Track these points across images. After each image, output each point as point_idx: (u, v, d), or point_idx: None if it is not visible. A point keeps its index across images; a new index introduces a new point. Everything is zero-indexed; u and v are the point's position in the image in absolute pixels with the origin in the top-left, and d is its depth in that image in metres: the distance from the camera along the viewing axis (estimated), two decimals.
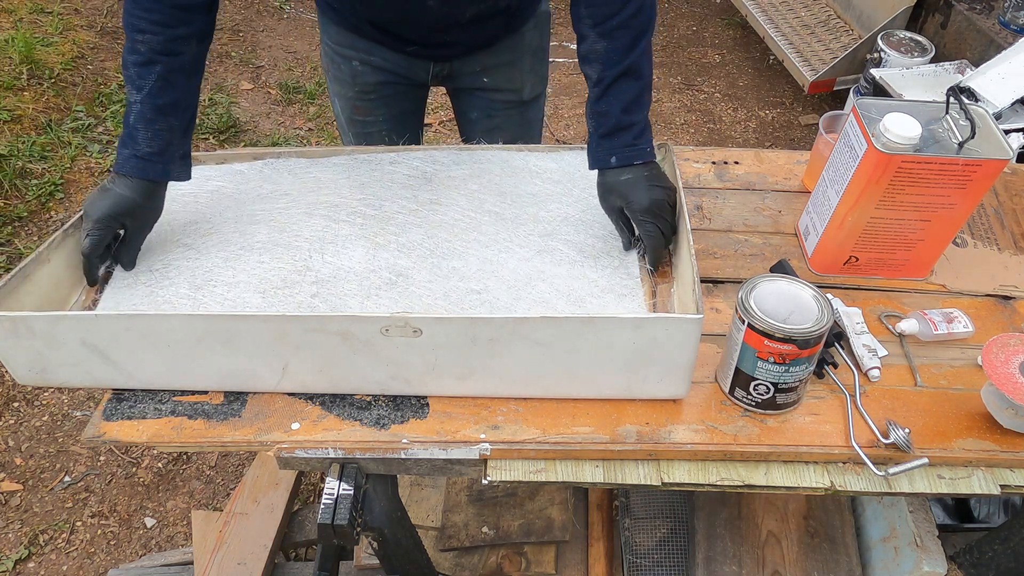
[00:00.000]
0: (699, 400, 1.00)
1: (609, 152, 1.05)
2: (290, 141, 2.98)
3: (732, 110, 3.28)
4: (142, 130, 1.02)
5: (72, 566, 1.80)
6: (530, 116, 1.51)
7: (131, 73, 1.03)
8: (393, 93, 1.42)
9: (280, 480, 1.69)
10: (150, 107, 1.02)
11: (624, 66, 1.03)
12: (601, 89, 1.04)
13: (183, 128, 1.06)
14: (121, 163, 1.03)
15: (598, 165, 1.07)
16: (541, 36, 1.42)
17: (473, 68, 1.38)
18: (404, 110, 1.47)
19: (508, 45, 1.37)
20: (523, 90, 1.44)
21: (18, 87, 2.90)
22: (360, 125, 1.47)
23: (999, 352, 0.93)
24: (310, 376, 0.97)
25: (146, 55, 1.02)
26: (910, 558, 1.30)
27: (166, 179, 1.06)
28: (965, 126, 1.02)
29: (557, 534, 1.52)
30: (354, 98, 1.42)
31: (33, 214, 2.55)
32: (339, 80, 1.41)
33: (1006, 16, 2.55)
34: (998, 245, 1.25)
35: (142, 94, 1.02)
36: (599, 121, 1.06)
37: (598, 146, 1.06)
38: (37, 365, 0.96)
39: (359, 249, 1.08)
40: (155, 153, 1.03)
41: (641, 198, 1.03)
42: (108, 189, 1.02)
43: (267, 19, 3.69)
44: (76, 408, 2.10)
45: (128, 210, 1.02)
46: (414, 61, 1.35)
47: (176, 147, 1.06)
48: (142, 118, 1.02)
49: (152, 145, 1.03)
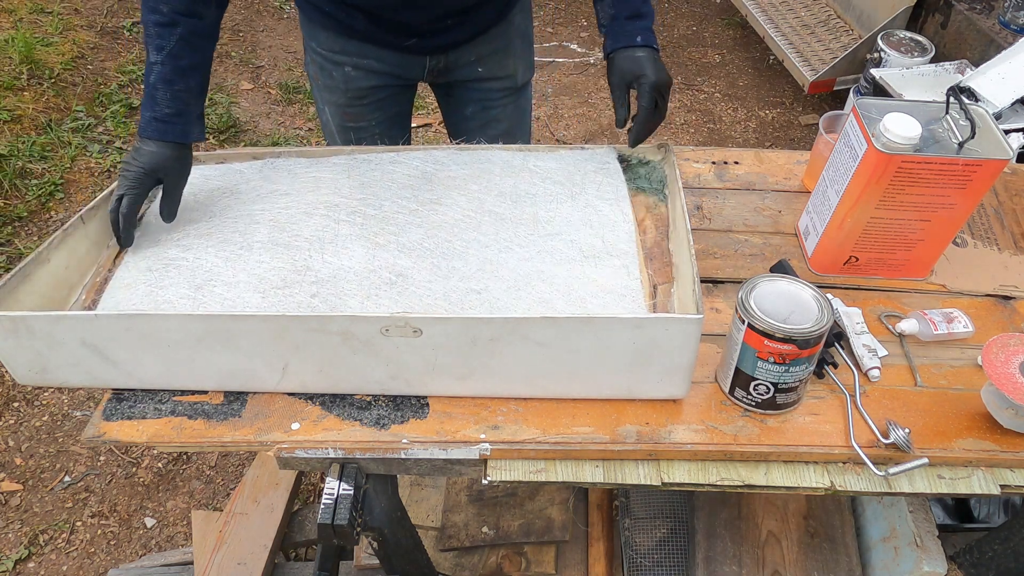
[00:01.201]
0: (699, 400, 1.00)
1: (634, 33, 1.17)
2: (290, 141, 2.98)
3: (732, 110, 3.28)
4: (162, 90, 1.06)
5: (72, 566, 1.80)
6: (522, 104, 1.53)
7: (152, 33, 1.06)
8: (385, 96, 1.42)
9: (280, 480, 1.69)
10: (171, 68, 1.06)
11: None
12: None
13: (200, 89, 1.11)
14: (143, 126, 1.07)
15: (624, 43, 1.17)
16: (526, 20, 1.45)
17: (468, 58, 1.39)
18: (396, 112, 1.47)
19: (499, 31, 1.39)
20: (516, 75, 1.46)
21: (18, 87, 2.90)
22: (351, 132, 1.47)
23: (999, 352, 0.93)
24: (310, 376, 0.97)
25: (168, 16, 1.05)
26: (910, 558, 1.30)
27: (186, 140, 1.10)
28: (965, 126, 1.02)
29: (557, 534, 1.52)
30: (345, 104, 1.42)
31: (33, 214, 2.55)
32: (329, 88, 1.40)
33: (1006, 16, 2.55)
34: (998, 245, 1.25)
35: (162, 55, 1.05)
36: (621, 7, 1.18)
37: (622, 27, 1.17)
38: (37, 365, 0.96)
39: (359, 249, 1.08)
40: (174, 115, 1.07)
41: (653, 73, 1.14)
42: (138, 149, 1.07)
43: (267, 19, 3.69)
44: (76, 408, 2.10)
45: (161, 165, 1.07)
46: (410, 57, 1.35)
47: (193, 107, 1.10)
48: (162, 79, 1.06)
49: (171, 106, 1.07)
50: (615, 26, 1.18)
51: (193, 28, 1.06)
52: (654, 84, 1.14)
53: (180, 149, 1.09)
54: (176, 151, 1.09)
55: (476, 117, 1.49)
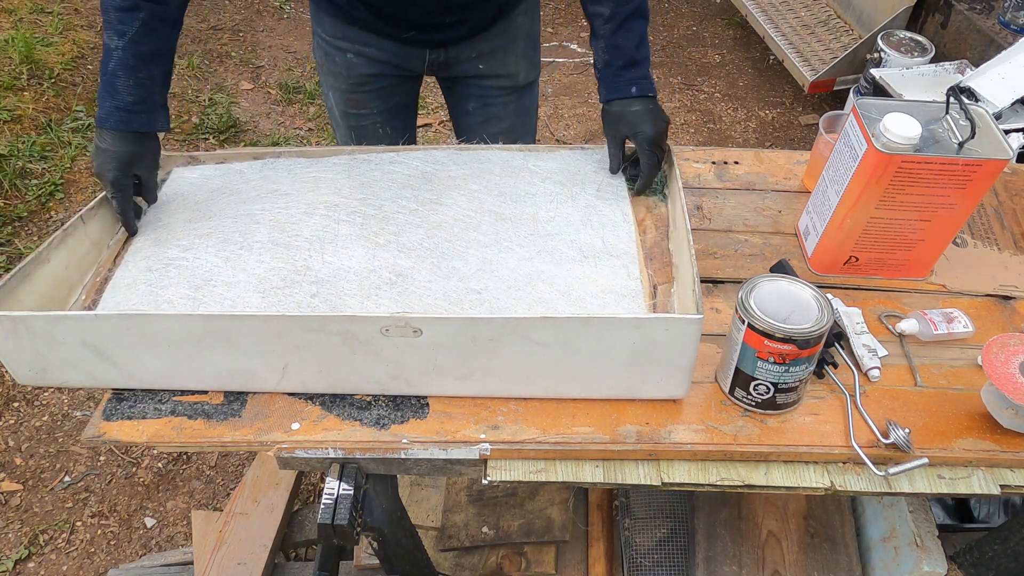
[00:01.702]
0: (699, 400, 1.00)
1: (629, 83, 1.14)
2: (290, 141, 2.98)
3: (732, 110, 3.28)
4: (123, 77, 1.02)
5: (72, 566, 1.80)
6: (526, 104, 1.52)
7: (111, 18, 1.02)
8: (387, 85, 1.42)
9: (280, 480, 1.69)
10: (132, 54, 1.02)
11: (635, 5, 1.14)
12: (615, 25, 1.13)
13: (162, 78, 1.07)
14: (104, 116, 1.03)
15: (618, 95, 1.15)
16: (532, 21, 1.44)
17: (469, 54, 1.39)
18: (398, 103, 1.48)
19: (501, 30, 1.38)
20: (518, 75, 1.46)
21: (18, 87, 2.90)
22: (354, 118, 1.47)
23: (999, 352, 0.93)
24: (310, 376, 0.97)
25: (131, 0, 1.01)
26: (910, 558, 1.30)
27: (151, 129, 1.07)
28: (965, 126, 1.02)
29: (557, 534, 1.52)
30: (348, 91, 1.42)
31: (33, 214, 2.55)
32: (333, 73, 1.41)
33: (1006, 16, 2.55)
34: (998, 245, 1.25)
35: (123, 40, 1.01)
36: (615, 54, 1.14)
37: (616, 77, 1.14)
38: (37, 365, 0.96)
39: (359, 249, 1.08)
40: (137, 102, 1.03)
41: (649, 128, 1.12)
42: (103, 148, 1.04)
43: (267, 19, 3.69)
44: (76, 408, 2.10)
45: (132, 161, 1.05)
46: (410, 49, 1.36)
47: (157, 95, 1.07)
48: (124, 65, 1.02)
49: (133, 94, 1.03)
50: (608, 75, 1.15)
51: (156, 13, 1.03)
52: (651, 139, 1.12)
53: (146, 139, 1.07)
54: (142, 141, 1.06)
55: (477, 113, 1.49)
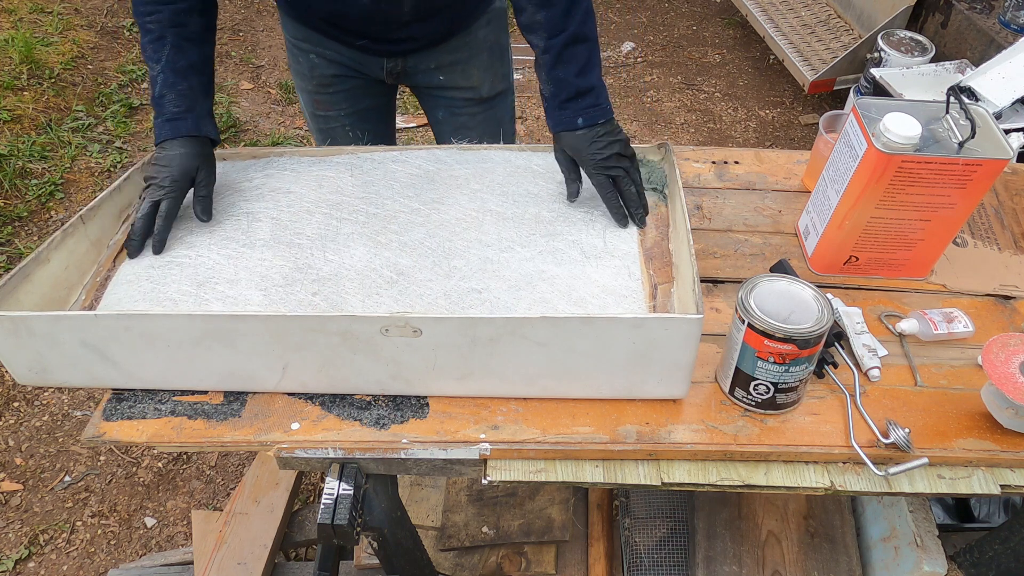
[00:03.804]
0: (699, 400, 1.00)
1: (575, 115, 1.09)
2: (290, 141, 2.98)
3: (732, 110, 3.28)
4: (168, 94, 1.10)
5: (72, 566, 1.80)
6: (497, 115, 1.50)
7: (148, 52, 1.11)
8: (352, 87, 1.42)
9: (280, 480, 1.69)
10: (170, 72, 1.10)
11: (570, 33, 1.07)
12: (552, 56, 1.09)
13: (203, 89, 1.13)
14: (157, 131, 1.10)
15: (564, 128, 1.11)
16: (497, 33, 1.41)
17: (428, 65, 1.38)
18: (366, 106, 1.47)
19: (461, 43, 1.36)
20: (481, 87, 1.43)
21: (18, 87, 2.90)
22: (322, 120, 1.47)
23: (999, 352, 0.93)
24: (310, 376, 0.97)
25: (156, 31, 1.09)
26: (910, 558, 1.30)
27: (198, 132, 1.10)
28: (965, 126, 1.02)
29: (557, 534, 1.52)
30: (313, 91, 1.43)
31: (33, 214, 2.55)
32: (300, 74, 1.42)
33: (1006, 16, 2.55)
34: (998, 245, 1.25)
35: (160, 64, 1.10)
36: (558, 87, 1.10)
37: (562, 110, 1.10)
38: (37, 365, 0.96)
39: (361, 247, 1.08)
40: (183, 111, 1.10)
41: (592, 154, 1.09)
42: (158, 163, 1.08)
43: (267, 19, 3.69)
44: (76, 408, 2.10)
45: (192, 164, 1.08)
46: (366, 56, 1.35)
47: (201, 105, 1.12)
48: (165, 84, 1.09)
49: (178, 105, 1.10)
50: (554, 106, 1.11)
51: (182, 35, 1.10)
52: (596, 164, 1.08)
53: (202, 145, 1.11)
54: (199, 147, 1.10)
55: (446, 122, 1.49)
